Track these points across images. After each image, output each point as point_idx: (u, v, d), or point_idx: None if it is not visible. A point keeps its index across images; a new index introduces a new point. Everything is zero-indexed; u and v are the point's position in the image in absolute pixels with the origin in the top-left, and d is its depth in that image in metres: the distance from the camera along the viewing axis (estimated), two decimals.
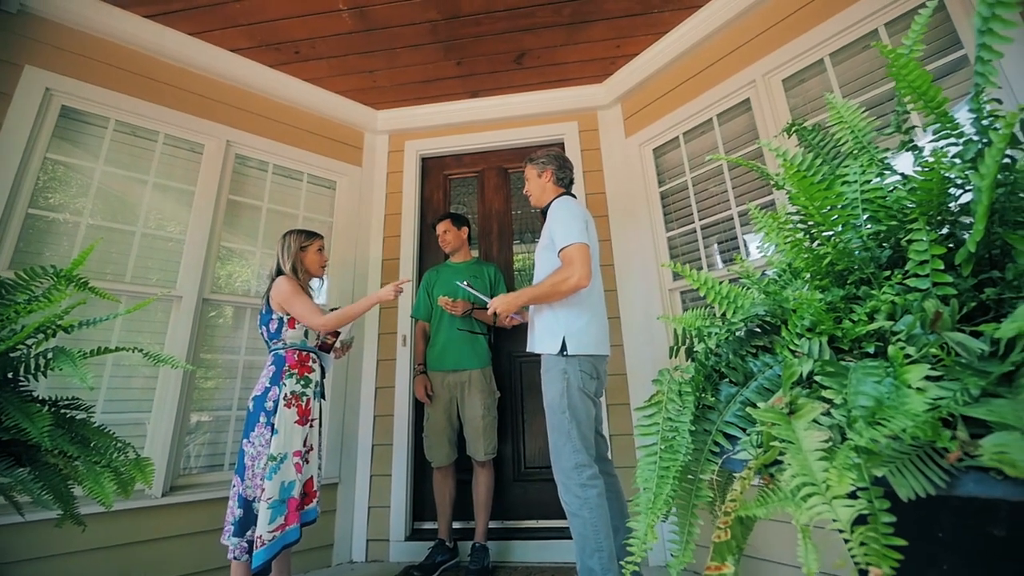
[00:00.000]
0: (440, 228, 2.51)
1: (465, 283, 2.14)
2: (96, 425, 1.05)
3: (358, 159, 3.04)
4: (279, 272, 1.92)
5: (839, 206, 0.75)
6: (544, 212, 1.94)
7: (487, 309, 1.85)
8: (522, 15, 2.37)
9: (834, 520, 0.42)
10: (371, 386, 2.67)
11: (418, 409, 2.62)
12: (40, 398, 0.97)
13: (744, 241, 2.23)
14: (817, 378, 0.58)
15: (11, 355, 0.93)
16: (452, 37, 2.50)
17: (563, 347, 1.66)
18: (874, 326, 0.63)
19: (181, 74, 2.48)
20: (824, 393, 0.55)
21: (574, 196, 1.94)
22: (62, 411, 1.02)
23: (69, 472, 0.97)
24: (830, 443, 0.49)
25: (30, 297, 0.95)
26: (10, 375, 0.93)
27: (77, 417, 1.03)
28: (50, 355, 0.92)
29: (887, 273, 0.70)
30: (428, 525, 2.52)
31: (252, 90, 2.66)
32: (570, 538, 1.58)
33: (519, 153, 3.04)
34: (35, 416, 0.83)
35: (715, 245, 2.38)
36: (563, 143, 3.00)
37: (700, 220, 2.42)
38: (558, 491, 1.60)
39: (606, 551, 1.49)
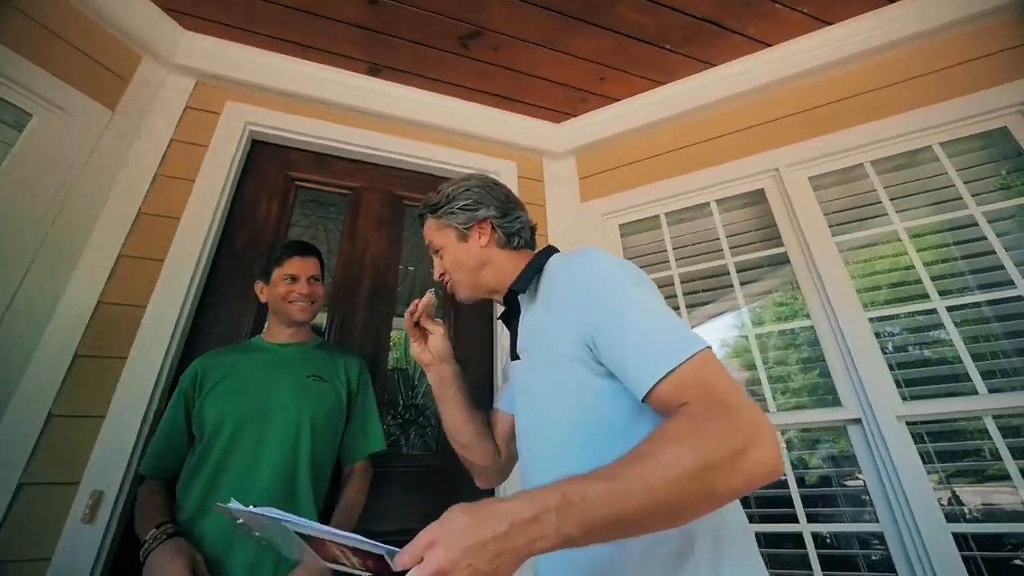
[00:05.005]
0: (308, 268, 1.21)
1: (257, 512, 0.61)
2: None
3: (111, 94, 1.50)
4: None
5: None
6: (510, 303, 0.89)
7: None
8: None
9: None
10: None
11: None
12: None
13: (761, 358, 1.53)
14: None
15: None
16: None
17: None
18: None
19: None
20: None
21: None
22: None
23: None
24: None
25: None
26: None
27: None
28: None
29: None
30: None
31: None
32: None
33: (424, 181, 1.95)
34: None
35: None
36: None
37: (693, 325, 1.66)
38: None
39: None
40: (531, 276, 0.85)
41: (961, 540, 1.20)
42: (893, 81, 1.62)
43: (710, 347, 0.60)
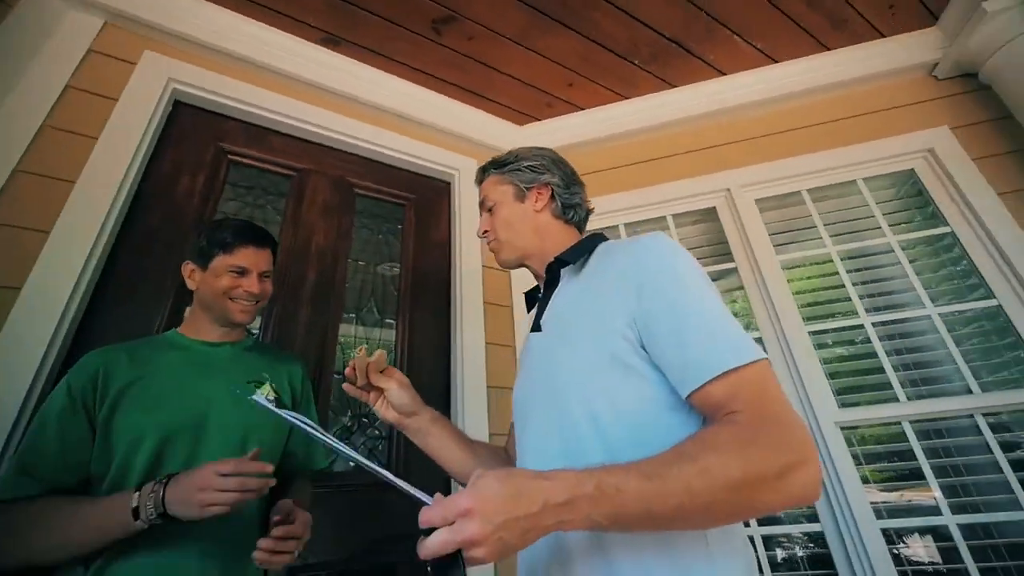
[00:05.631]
0: (261, 261, 0.99)
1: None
2: None
3: None
4: None
5: None
6: (551, 271, 0.82)
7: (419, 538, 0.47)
8: None
9: None
10: None
11: None
12: None
13: None
14: None
15: None
16: None
17: None
18: None
19: None
20: None
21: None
22: None
23: None
24: None
25: None
26: None
27: None
28: None
29: None
30: None
31: None
32: None
33: (379, 170, 1.80)
34: None
35: None
36: (450, 183, 1.94)
37: None
38: None
39: None
40: (582, 252, 0.80)
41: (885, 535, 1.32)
42: (826, 119, 1.80)
43: (768, 360, 0.58)
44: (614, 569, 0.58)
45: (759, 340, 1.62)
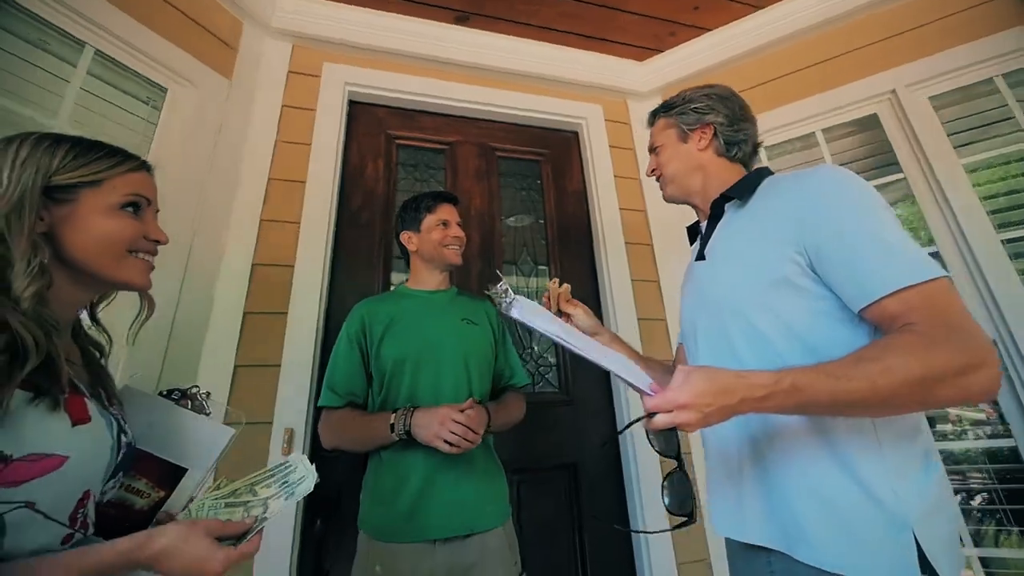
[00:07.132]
0: (456, 214, 1.27)
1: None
2: None
3: (225, 63, 1.54)
4: None
5: None
6: (716, 207, 0.88)
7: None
8: None
9: None
10: None
11: None
12: None
13: None
14: None
15: None
16: None
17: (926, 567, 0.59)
18: None
19: None
20: None
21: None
22: None
23: None
24: None
25: None
26: None
27: None
28: None
29: None
30: None
31: None
32: None
33: (513, 131, 1.95)
34: None
35: None
36: (577, 132, 2.03)
37: None
38: None
39: None
40: (745, 187, 0.84)
41: None
42: None
43: (949, 277, 0.61)
44: (796, 449, 0.68)
45: (935, 255, 1.50)
